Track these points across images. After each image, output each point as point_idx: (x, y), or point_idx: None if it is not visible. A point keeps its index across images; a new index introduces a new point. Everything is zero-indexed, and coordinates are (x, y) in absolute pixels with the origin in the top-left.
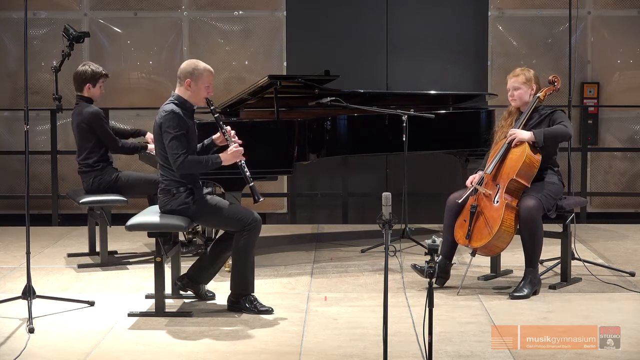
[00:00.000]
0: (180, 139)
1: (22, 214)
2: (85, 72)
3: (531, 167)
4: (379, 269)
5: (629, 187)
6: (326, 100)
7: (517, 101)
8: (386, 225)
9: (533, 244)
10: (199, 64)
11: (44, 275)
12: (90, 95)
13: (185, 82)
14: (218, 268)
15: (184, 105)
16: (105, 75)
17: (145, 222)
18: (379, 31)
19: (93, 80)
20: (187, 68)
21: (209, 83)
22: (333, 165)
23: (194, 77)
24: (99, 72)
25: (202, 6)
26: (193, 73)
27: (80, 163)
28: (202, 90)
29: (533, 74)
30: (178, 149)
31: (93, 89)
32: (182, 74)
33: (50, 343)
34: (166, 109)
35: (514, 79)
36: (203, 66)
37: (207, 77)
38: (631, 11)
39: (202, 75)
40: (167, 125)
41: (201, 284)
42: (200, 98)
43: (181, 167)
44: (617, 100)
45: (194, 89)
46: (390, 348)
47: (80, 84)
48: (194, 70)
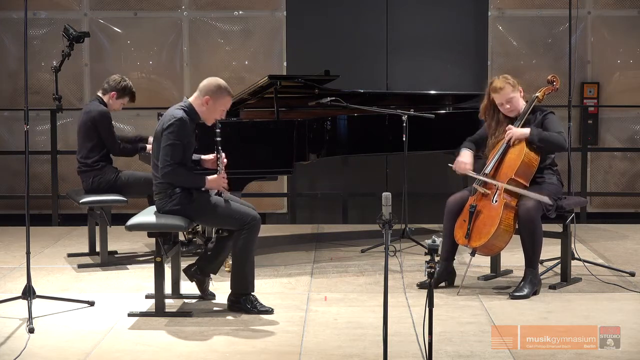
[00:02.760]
0: (176, 149)
1: (22, 214)
2: (120, 82)
3: (530, 166)
4: (379, 269)
5: (629, 187)
6: (326, 100)
7: (514, 111)
8: (386, 225)
9: (533, 244)
10: (223, 86)
11: (44, 275)
12: (108, 103)
13: (205, 97)
14: (225, 257)
15: (193, 116)
16: (134, 96)
17: (145, 222)
18: (379, 31)
19: (122, 92)
20: (211, 85)
21: (225, 107)
22: (333, 165)
23: (215, 96)
24: (130, 89)
25: (202, 6)
26: (216, 92)
27: (80, 162)
28: (217, 112)
29: (510, 78)
30: (171, 157)
31: (115, 100)
32: (205, 89)
33: (50, 343)
34: (176, 115)
35: (502, 92)
36: (227, 91)
37: (226, 102)
38: (631, 11)
39: (223, 98)
40: (171, 131)
41: (209, 274)
42: (211, 117)
43: (167, 175)
44: (617, 100)
45: (211, 107)
46: (390, 348)
47: (109, 89)
48: (218, 90)
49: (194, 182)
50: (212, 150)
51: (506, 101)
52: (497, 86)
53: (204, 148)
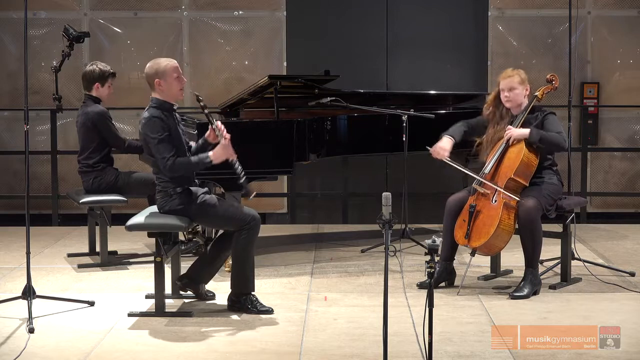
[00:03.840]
0: (165, 142)
1: (22, 214)
2: (93, 71)
3: (529, 166)
4: (379, 269)
5: (629, 187)
6: (326, 100)
7: (511, 102)
8: (386, 225)
9: (533, 244)
10: (159, 61)
11: (44, 275)
12: (98, 95)
13: (155, 83)
14: (217, 267)
15: (162, 107)
16: (113, 74)
17: (145, 222)
18: (379, 31)
19: (102, 79)
20: (150, 71)
21: (177, 73)
22: (333, 165)
23: (159, 75)
24: (107, 71)
25: (202, 6)
26: (157, 72)
27: (81, 163)
28: (174, 84)
29: (525, 76)
30: (165, 152)
31: (102, 89)
32: (149, 77)
33: (50, 343)
34: (144, 116)
35: (509, 79)
36: (165, 61)
37: (172, 70)
38: (631, 11)
39: (166, 70)
40: (149, 132)
41: (201, 284)
42: (175, 92)
43: (170, 170)
44: (617, 100)
45: (165, 86)
46: (390, 348)
47: (89, 83)
48: (157, 69)
49: (200, 162)
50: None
51: (509, 89)
52: (507, 73)
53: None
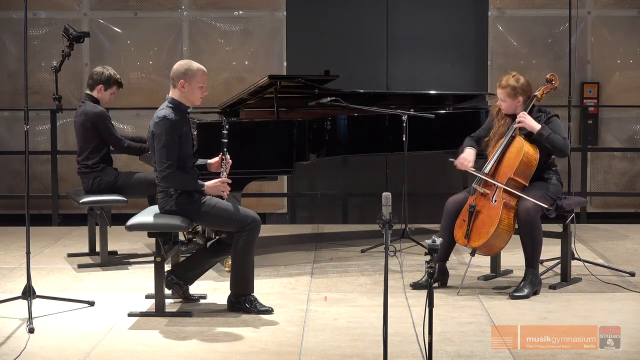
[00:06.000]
0: (170, 149)
1: (22, 214)
2: (102, 73)
3: (529, 165)
4: (379, 269)
5: (629, 187)
6: (326, 100)
7: (505, 110)
8: (386, 225)
9: (533, 244)
10: (192, 64)
11: (44, 275)
12: (99, 98)
13: (179, 83)
14: (204, 271)
15: (178, 108)
16: (120, 84)
17: (145, 222)
18: (379, 31)
19: (107, 83)
20: (179, 69)
21: (202, 83)
22: (333, 165)
23: (187, 77)
24: (115, 78)
25: (202, 6)
26: (186, 73)
27: (80, 163)
28: (196, 91)
29: (522, 83)
30: (166, 158)
31: (104, 92)
32: (175, 76)
33: (50, 343)
34: (159, 115)
35: (501, 90)
36: (197, 66)
37: (200, 77)
38: (631, 11)
39: (195, 75)
40: (160, 132)
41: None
42: (194, 98)
43: (165, 178)
44: (617, 100)
45: (188, 89)
46: (390, 348)
47: (94, 83)
48: (187, 70)
49: (193, 187)
50: (215, 151)
51: (500, 100)
52: (501, 82)
53: (207, 149)
